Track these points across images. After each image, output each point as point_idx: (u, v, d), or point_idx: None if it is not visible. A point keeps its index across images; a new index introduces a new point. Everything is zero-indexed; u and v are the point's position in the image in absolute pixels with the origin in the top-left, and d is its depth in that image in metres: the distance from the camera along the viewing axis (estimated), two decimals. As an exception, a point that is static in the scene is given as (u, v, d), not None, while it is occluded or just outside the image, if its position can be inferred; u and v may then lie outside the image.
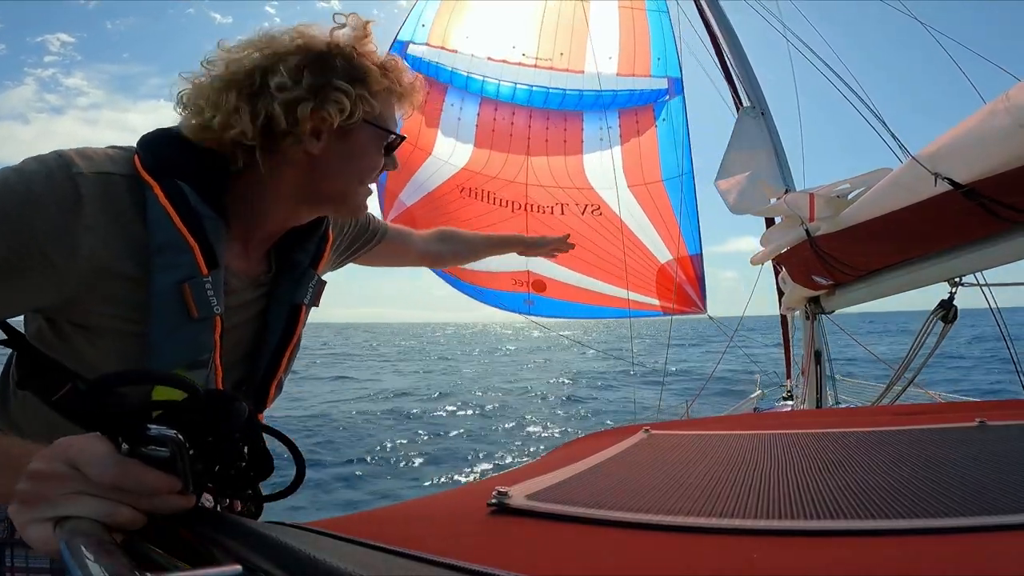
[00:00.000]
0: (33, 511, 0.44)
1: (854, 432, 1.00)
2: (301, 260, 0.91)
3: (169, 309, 0.71)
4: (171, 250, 0.71)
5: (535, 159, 5.28)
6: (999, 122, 1.39)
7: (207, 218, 0.74)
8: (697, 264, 5.48)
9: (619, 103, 5.32)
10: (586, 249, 5.23)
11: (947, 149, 1.58)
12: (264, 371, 0.89)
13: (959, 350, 19.63)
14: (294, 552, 0.35)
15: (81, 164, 0.67)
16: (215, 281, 0.75)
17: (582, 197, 5.38)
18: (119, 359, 0.73)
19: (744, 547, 0.47)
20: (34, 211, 0.63)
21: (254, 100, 0.74)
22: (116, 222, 0.68)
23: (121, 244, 0.69)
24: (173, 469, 0.45)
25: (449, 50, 5.20)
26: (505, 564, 0.38)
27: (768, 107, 3.44)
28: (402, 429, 9.57)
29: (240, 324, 0.86)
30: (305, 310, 0.92)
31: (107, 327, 0.72)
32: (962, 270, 1.94)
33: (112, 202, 0.68)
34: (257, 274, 0.87)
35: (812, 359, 3.15)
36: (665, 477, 0.74)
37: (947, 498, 0.54)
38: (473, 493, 0.76)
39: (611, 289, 5.52)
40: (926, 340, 2.18)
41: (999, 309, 2.18)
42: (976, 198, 1.53)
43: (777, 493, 0.62)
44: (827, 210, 2.19)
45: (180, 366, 0.74)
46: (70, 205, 0.65)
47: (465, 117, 5.29)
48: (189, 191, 0.73)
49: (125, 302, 0.71)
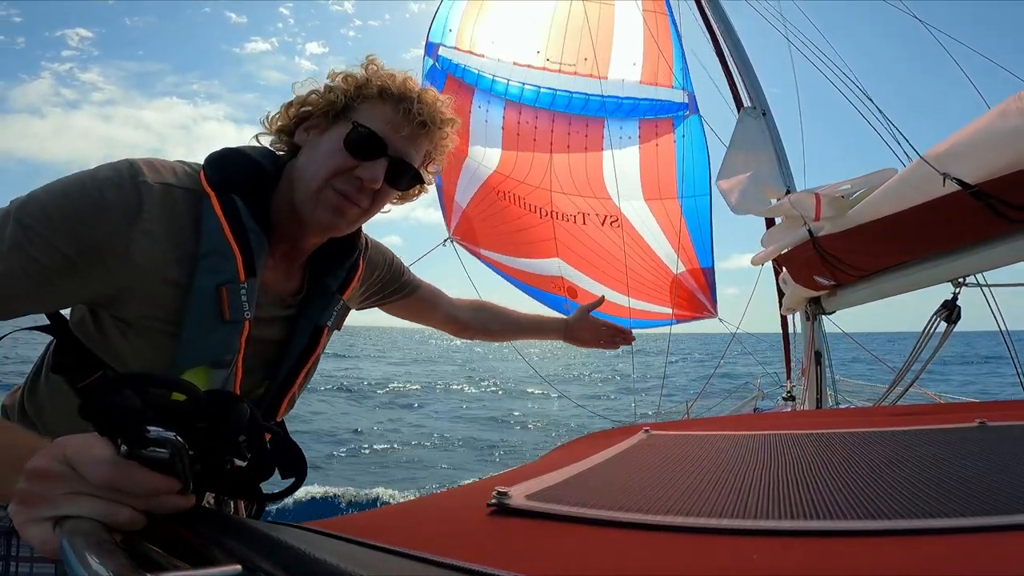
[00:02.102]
0: (32, 510, 0.44)
1: (854, 432, 1.00)
2: (330, 285, 0.96)
3: (205, 310, 0.77)
4: (216, 256, 0.77)
5: (557, 156, 5.38)
6: (1011, 123, 1.40)
7: (252, 231, 0.81)
8: (709, 276, 5.58)
9: (640, 112, 5.40)
10: (607, 262, 5.38)
11: (956, 149, 1.58)
12: (279, 384, 0.93)
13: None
14: (294, 552, 0.35)
15: (148, 174, 0.75)
16: (250, 289, 0.81)
17: (601, 207, 5.49)
18: (149, 354, 0.78)
19: (744, 547, 0.47)
20: (102, 214, 0.70)
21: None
22: (170, 229, 0.75)
23: (171, 250, 0.75)
24: (172, 470, 0.45)
25: (476, 54, 5.32)
26: (505, 564, 0.38)
27: (769, 107, 3.44)
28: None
29: (263, 338, 0.89)
30: (327, 332, 0.97)
31: (144, 325, 0.77)
32: (966, 270, 1.93)
33: (170, 211, 0.75)
34: (289, 293, 0.93)
35: (812, 360, 3.15)
36: (665, 477, 0.74)
37: (947, 498, 0.54)
38: (473, 493, 0.76)
39: (631, 301, 5.61)
40: (928, 341, 2.18)
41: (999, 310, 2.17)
42: (984, 199, 1.53)
43: (777, 493, 0.62)
44: (832, 210, 2.19)
45: (204, 364, 0.78)
46: (133, 211, 0.72)
47: (492, 120, 5.42)
48: (242, 206, 0.81)
49: (165, 304, 0.76)
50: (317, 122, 0.89)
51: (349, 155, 0.85)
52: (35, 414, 0.86)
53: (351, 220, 0.89)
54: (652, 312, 5.62)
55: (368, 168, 0.85)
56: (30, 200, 0.70)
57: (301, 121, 0.90)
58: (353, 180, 0.85)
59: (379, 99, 0.87)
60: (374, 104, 0.87)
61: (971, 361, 31.79)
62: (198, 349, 0.78)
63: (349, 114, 0.87)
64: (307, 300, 0.95)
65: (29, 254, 0.67)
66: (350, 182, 0.85)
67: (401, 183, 0.91)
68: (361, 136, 0.84)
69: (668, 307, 5.61)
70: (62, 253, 0.69)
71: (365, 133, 0.85)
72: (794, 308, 3.21)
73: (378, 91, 0.87)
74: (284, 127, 0.91)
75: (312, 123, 0.89)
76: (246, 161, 0.86)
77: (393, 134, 0.87)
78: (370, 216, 0.93)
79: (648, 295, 5.59)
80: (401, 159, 0.88)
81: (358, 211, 0.89)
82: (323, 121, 0.88)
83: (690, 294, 5.59)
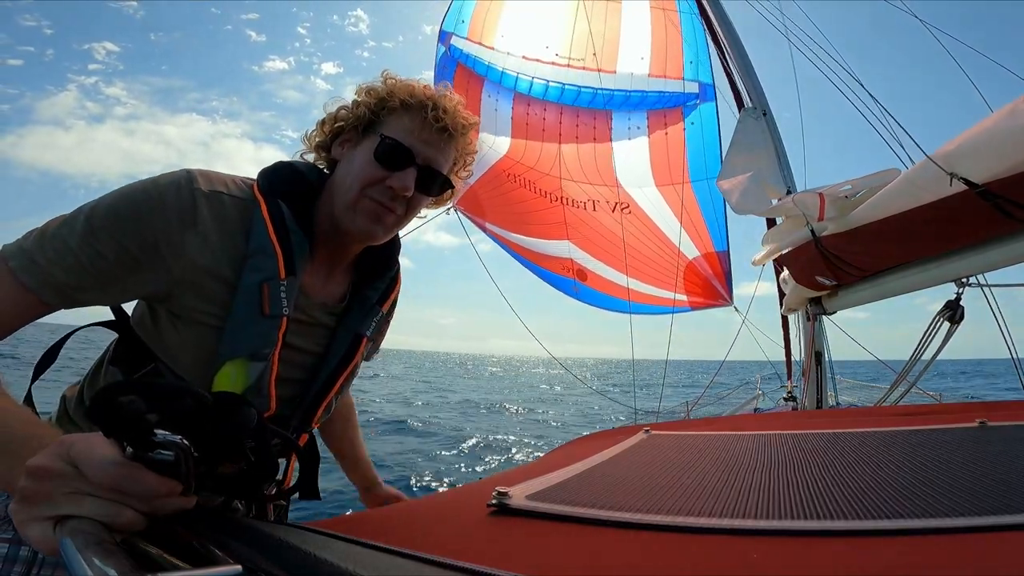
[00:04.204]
0: (33, 509, 0.44)
1: (854, 432, 1.00)
2: (371, 296, 1.03)
3: (248, 304, 0.83)
4: (261, 254, 0.84)
5: (566, 147, 5.43)
6: (1020, 122, 1.40)
7: (294, 233, 0.88)
8: (724, 260, 5.56)
9: (648, 104, 5.41)
10: (617, 247, 5.37)
11: (964, 149, 1.58)
12: (318, 391, 0.96)
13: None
14: (295, 552, 0.36)
15: (202, 183, 0.82)
16: (289, 287, 0.87)
17: (611, 195, 5.52)
18: (195, 346, 0.83)
19: (744, 547, 0.47)
20: (161, 215, 0.78)
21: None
22: (222, 232, 0.82)
23: (222, 251, 0.82)
24: (176, 473, 0.45)
25: (487, 47, 5.38)
26: (505, 564, 0.38)
27: (770, 108, 3.44)
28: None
29: (304, 348, 0.94)
30: (366, 342, 1.02)
31: (194, 319, 0.83)
32: (970, 270, 1.93)
33: (221, 216, 0.83)
34: (332, 300, 0.99)
35: (813, 360, 3.15)
36: (665, 477, 0.74)
37: (947, 498, 0.54)
38: (473, 493, 0.77)
39: (644, 287, 5.66)
40: (931, 342, 2.18)
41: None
42: (991, 198, 1.53)
43: (777, 493, 0.62)
44: (835, 210, 2.19)
45: (243, 355, 0.83)
46: (188, 214, 0.80)
47: (501, 109, 5.47)
48: (286, 211, 0.88)
49: (214, 300, 0.82)
50: (349, 136, 0.96)
51: (379, 166, 0.91)
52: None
53: (388, 227, 0.95)
54: (664, 298, 5.62)
55: (398, 177, 0.91)
56: (100, 202, 0.78)
57: (336, 136, 0.97)
58: (386, 190, 0.91)
59: (402, 110, 0.93)
60: (399, 116, 0.93)
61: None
62: (239, 341, 0.83)
63: (377, 127, 0.93)
64: (348, 309, 1.01)
65: (98, 250, 0.75)
66: (383, 192, 0.91)
67: (432, 189, 0.96)
68: (388, 148, 0.91)
69: (683, 294, 5.61)
70: (126, 249, 0.77)
71: (392, 144, 0.91)
72: (795, 308, 3.21)
73: (400, 103, 0.93)
74: (322, 143, 0.98)
75: (345, 138, 0.96)
76: (293, 172, 0.94)
77: (418, 143, 0.92)
78: (406, 222, 0.99)
79: (661, 281, 5.59)
80: (429, 167, 0.94)
81: (394, 218, 0.94)
82: (355, 135, 0.95)
83: (705, 281, 5.59)
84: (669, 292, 5.57)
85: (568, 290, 6.00)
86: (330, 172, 0.98)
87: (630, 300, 5.46)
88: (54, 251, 0.75)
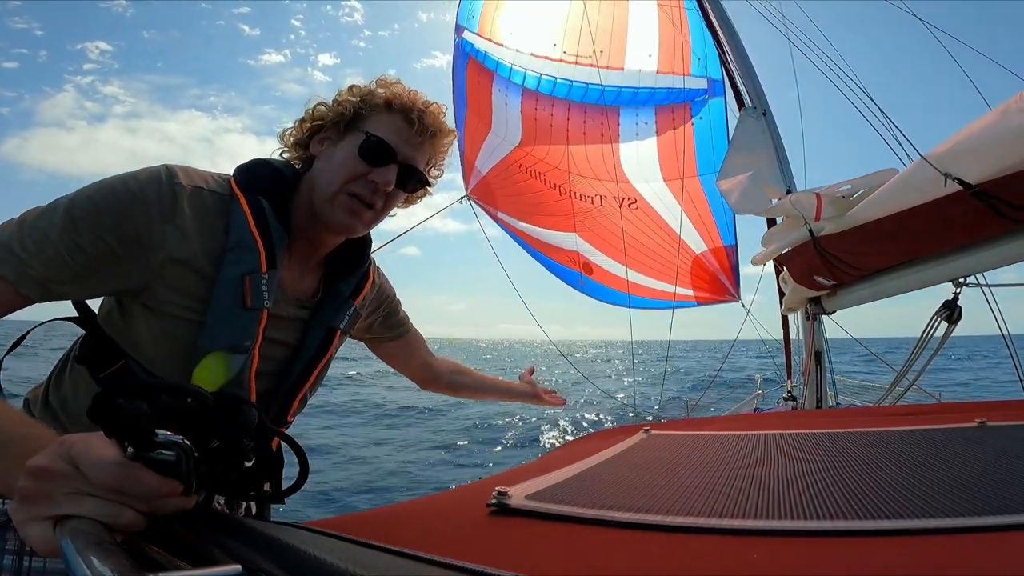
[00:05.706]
0: (33, 508, 0.44)
1: (854, 432, 1.00)
2: (343, 290, 1.04)
3: (229, 297, 0.84)
4: (242, 248, 0.85)
5: (574, 147, 5.49)
6: (1013, 123, 1.39)
7: (275, 228, 0.90)
8: (731, 254, 5.57)
9: (656, 100, 5.42)
10: (624, 242, 5.39)
11: (958, 149, 1.58)
12: (292, 384, 0.98)
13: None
14: (295, 552, 0.35)
15: (182, 178, 0.83)
16: (270, 280, 0.88)
17: (619, 190, 5.55)
18: (170, 340, 0.83)
19: (744, 547, 0.47)
20: (140, 208, 0.78)
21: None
22: (202, 227, 0.83)
23: (201, 245, 0.83)
24: (177, 473, 0.45)
25: (496, 43, 5.44)
26: (505, 564, 0.38)
27: (769, 107, 3.44)
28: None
29: (279, 340, 0.96)
30: (340, 335, 1.04)
31: (169, 312, 0.83)
32: (967, 270, 1.93)
33: (202, 211, 0.84)
34: (305, 294, 1.00)
35: (812, 360, 3.15)
36: (665, 477, 0.74)
37: (947, 498, 0.54)
38: (473, 493, 0.77)
39: (648, 281, 5.69)
40: (929, 342, 2.18)
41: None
42: (985, 199, 1.53)
43: (777, 493, 0.62)
44: (833, 210, 2.19)
45: (224, 348, 0.84)
46: (168, 209, 0.80)
47: (511, 103, 5.53)
48: (266, 205, 0.89)
49: (191, 293, 0.83)
50: (330, 133, 0.97)
51: (363, 162, 0.93)
52: (59, 406, 0.90)
53: (366, 221, 0.97)
54: (668, 292, 5.62)
55: (380, 173, 0.94)
56: (79, 195, 0.78)
57: (314, 133, 0.99)
58: (367, 184, 0.94)
59: (387, 110, 0.95)
60: (382, 115, 0.95)
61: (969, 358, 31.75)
62: (220, 334, 0.84)
63: (359, 124, 0.95)
64: (321, 304, 1.03)
65: (77, 243, 0.75)
66: (364, 186, 0.94)
67: (409, 185, 1.00)
68: (373, 144, 0.93)
69: (689, 288, 5.64)
70: (106, 243, 0.77)
71: (376, 141, 0.93)
72: (794, 308, 3.21)
73: (385, 103, 0.95)
74: (299, 140, 1.00)
75: (325, 135, 0.98)
76: (270, 168, 0.96)
77: (401, 142, 0.95)
78: (382, 217, 1.01)
79: (667, 276, 5.60)
80: (409, 164, 0.97)
81: (372, 212, 0.97)
82: (335, 132, 0.97)
83: (712, 276, 5.60)
84: (672, 286, 5.60)
85: (574, 283, 6.05)
86: (306, 169, 0.99)
87: (629, 293, 5.51)
88: (33, 243, 0.74)
